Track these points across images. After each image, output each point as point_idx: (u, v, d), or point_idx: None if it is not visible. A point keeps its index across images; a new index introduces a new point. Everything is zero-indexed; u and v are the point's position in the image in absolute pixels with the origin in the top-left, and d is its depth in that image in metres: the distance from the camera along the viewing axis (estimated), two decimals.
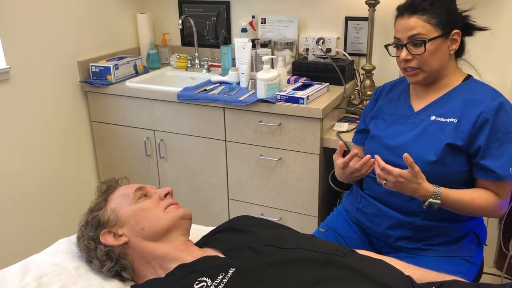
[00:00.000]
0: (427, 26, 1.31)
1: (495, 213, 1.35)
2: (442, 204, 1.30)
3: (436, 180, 1.33)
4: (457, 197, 1.31)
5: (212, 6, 2.59)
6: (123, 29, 2.67)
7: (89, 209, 1.21)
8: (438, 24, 1.32)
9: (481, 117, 1.29)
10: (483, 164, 1.30)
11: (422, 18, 1.32)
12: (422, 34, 1.31)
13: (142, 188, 1.22)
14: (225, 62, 2.40)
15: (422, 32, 1.31)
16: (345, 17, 2.31)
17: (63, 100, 2.36)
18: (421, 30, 1.31)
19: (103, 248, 1.14)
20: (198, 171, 2.31)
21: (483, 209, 1.33)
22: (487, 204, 1.32)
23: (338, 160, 1.45)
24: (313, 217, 2.11)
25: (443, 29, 1.32)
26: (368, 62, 2.19)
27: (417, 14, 1.32)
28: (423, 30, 1.31)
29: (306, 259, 1.01)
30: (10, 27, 2.06)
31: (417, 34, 1.32)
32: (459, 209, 1.33)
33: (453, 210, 1.33)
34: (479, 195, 1.32)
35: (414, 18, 1.32)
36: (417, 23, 1.32)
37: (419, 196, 1.30)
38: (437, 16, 1.32)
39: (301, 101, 1.94)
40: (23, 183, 2.21)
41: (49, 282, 1.12)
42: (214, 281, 0.96)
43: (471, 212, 1.34)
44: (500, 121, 1.29)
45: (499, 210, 1.34)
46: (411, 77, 1.39)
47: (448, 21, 1.33)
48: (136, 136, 2.40)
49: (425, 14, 1.32)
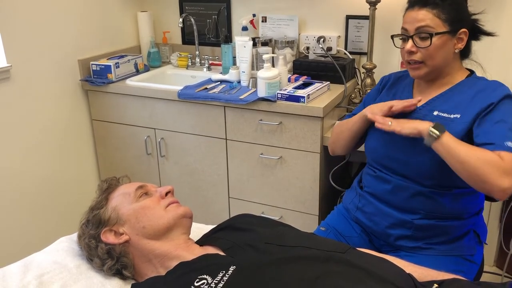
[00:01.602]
0: (436, 20, 1.31)
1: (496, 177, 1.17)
2: (443, 141, 1.21)
3: (437, 176, 1.33)
4: (460, 142, 1.23)
5: (213, 4, 2.59)
6: (124, 28, 2.67)
7: (90, 207, 1.21)
8: (447, 20, 1.32)
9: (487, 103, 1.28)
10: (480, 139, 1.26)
11: (432, 12, 1.32)
12: (430, 27, 1.31)
13: (143, 187, 1.22)
14: (225, 61, 2.40)
15: (430, 25, 1.31)
16: (345, 16, 2.31)
17: (63, 99, 2.37)
18: (429, 23, 1.31)
19: (104, 246, 1.14)
20: (199, 169, 2.31)
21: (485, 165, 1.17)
22: (490, 160, 1.18)
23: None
24: (313, 215, 2.11)
25: (451, 26, 1.32)
26: (369, 61, 2.18)
27: (427, 7, 1.32)
28: (432, 23, 1.31)
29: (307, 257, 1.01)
30: (11, 25, 2.06)
31: (425, 26, 1.32)
32: (457, 156, 1.21)
33: (452, 156, 1.22)
34: (482, 150, 1.22)
35: (424, 10, 1.32)
36: (426, 15, 1.32)
37: (423, 127, 1.25)
38: (447, 12, 1.32)
39: (301, 99, 1.94)
40: (24, 182, 2.21)
41: (50, 281, 1.12)
42: (214, 279, 0.96)
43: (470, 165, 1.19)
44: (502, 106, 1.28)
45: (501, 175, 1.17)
46: (413, 70, 1.39)
47: (457, 19, 1.33)
48: (137, 134, 2.40)
49: (435, 8, 1.32)
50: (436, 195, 1.36)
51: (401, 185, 1.39)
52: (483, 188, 1.21)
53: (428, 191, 1.36)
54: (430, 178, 1.35)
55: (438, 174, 1.33)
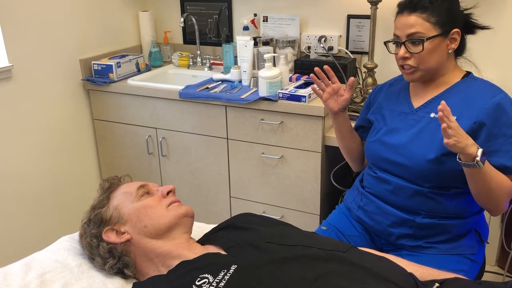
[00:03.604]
0: (426, 25, 1.31)
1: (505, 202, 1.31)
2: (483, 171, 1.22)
3: (435, 178, 1.33)
4: (492, 170, 1.26)
5: (214, 4, 2.59)
6: (125, 27, 2.67)
7: (91, 206, 1.22)
8: (437, 23, 1.31)
9: (477, 123, 1.29)
10: (491, 161, 1.28)
11: (422, 16, 1.31)
12: (420, 32, 1.31)
13: (144, 186, 1.22)
14: (227, 60, 2.40)
15: (420, 31, 1.31)
16: (347, 15, 2.31)
17: (65, 98, 2.37)
18: (419, 28, 1.31)
19: (106, 245, 1.14)
20: (200, 169, 2.31)
21: (505, 195, 1.29)
22: (507, 185, 1.29)
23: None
24: (315, 215, 2.11)
25: (442, 28, 1.32)
26: (370, 60, 2.18)
27: (417, 12, 1.31)
28: (422, 29, 1.31)
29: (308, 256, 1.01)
30: (12, 25, 2.06)
31: (415, 33, 1.31)
32: (489, 184, 1.25)
33: (483, 183, 1.25)
34: (504, 179, 1.29)
35: (413, 16, 1.32)
36: (416, 21, 1.31)
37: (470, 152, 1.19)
38: (437, 14, 1.31)
39: (303, 99, 1.94)
40: (25, 181, 2.22)
41: (52, 280, 1.12)
42: (215, 278, 0.96)
43: (496, 194, 1.27)
44: (501, 118, 1.29)
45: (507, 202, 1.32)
46: (408, 75, 1.39)
47: (448, 20, 1.32)
48: (138, 134, 2.40)
49: (425, 12, 1.31)
50: (436, 195, 1.36)
51: (401, 185, 1.40)
52: (489, 209, 1.33)
53: (428, 191, 1.36)
54: (429, 181, 1.35)
55: (437, 177, 1.34)
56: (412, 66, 1.36)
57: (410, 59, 1.35)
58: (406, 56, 1.35)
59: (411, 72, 1.37)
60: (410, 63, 1.35)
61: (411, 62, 1.35)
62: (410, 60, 1.35)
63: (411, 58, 1.35)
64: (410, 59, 1.35)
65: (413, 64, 1.35)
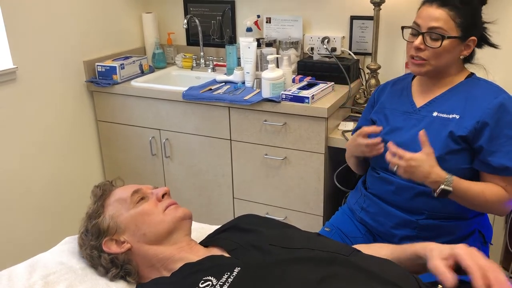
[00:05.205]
0: (451, 23, 1.31)
1: (502, 209, 1.34)
2: (454, 192, 1.26)
3: None
4: (468, 187, 1.29)
5: (217, 5, 2.60)
6: (129, 29, 2.68)
7: (87, 215, 1.19)
8: (461, 25, 1.31)
9: (481, 122, 1.29)
10: (491, 160, 1.29)
11: (450, 13, 1.30)
12: (443, 29, 1.31)
13: (138, 191, 1.18)
14: (230, 62, 2.40)
15: (443, 27, 1.30)
16: (350, 16, 2.30)
17: (69, 100, 2.38)
18: (443, 25, 1.30)
19: (107, 256, 1.12)
20: (203, 170, 2.31)
21: (492, 204, 1.31)
22: (496, 199, 1.30)
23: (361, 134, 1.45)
24: (318, 216, 2.11)
25: (463, 32, 1.32)
26: (373, 61, 2.18)
27: (446, 8, 1.31)
28: (446, 26, 1.30)
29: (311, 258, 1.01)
30: (17, 27, 2.07)
31: (438, 28, 1.31)
32: (468, 200, 1.30)
33: (462, 201, 1.31)
34: (488, 188, 1.31)
35: (441, 10, 1.31)
36: (442, 16, 1.31)
37: (431, 181, 1.26)
38: (464, 16, 1.31)
39: (306, 100, 1.94)
40: (29, 182, 2.23)
41: (56, 281, 1.13)
42: (219, 281, 0.96)
43: (479, 205, 1.32)
44: (503, 118, 1.29)
45: (507, 206, 1.33)
46: (416, 66, 1.38)
47: (471, 26, 1.33)
48: (142, 135, 2.41)
49: (453, 10, 1.30)
50: None
51: (404, 185, 1.40)
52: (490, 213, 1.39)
53: (431, 191, 1.36)
54: None
55: None
56: (422, 59, 1.35)
57: (423, 51, 1.34)
58: (421, 48, 1.34)
59: (420, 64, 1.36)
60: (422, 55, 1.35)
61: (423, 54, 1.34)
62: (423, 52, 1.34)
63: (424, 51, 1.34)
64: (423, 51, 1.34)
65: (424, 57, 1.34)
